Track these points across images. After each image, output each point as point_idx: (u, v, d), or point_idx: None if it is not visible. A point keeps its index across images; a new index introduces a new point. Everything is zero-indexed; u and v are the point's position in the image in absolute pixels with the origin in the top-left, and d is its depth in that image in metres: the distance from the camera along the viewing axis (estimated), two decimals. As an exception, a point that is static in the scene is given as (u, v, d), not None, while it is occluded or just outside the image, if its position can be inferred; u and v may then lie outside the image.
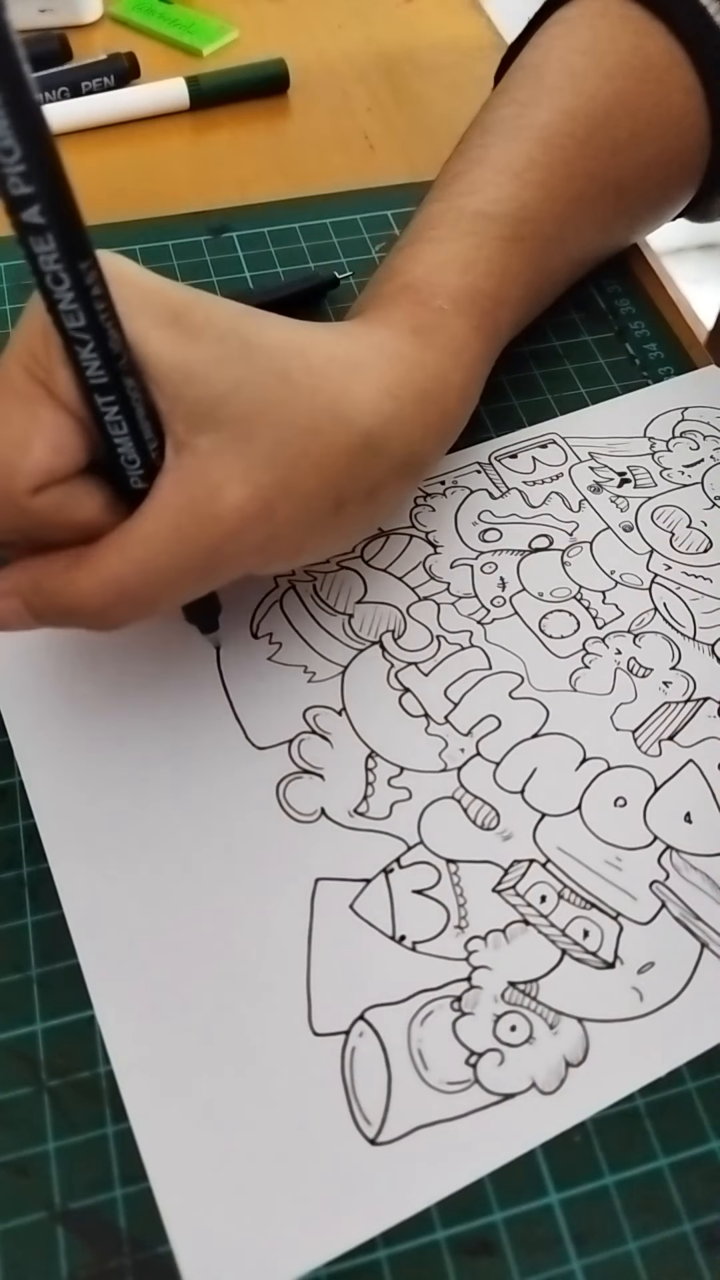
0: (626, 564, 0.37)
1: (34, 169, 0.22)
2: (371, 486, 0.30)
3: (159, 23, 0.59)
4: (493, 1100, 0.27)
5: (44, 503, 0.27)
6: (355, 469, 0.30)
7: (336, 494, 0.29)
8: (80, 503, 0.27)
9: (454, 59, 0.60)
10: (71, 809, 0.31)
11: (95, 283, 0.24)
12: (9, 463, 0.26)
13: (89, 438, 0.27)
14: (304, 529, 0.29)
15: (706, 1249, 0.26)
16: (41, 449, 0.26)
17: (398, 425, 0.31)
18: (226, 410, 0.27)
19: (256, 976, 0.29)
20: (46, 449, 0.26)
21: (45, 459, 0.26)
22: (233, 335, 0.28)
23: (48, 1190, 0.26)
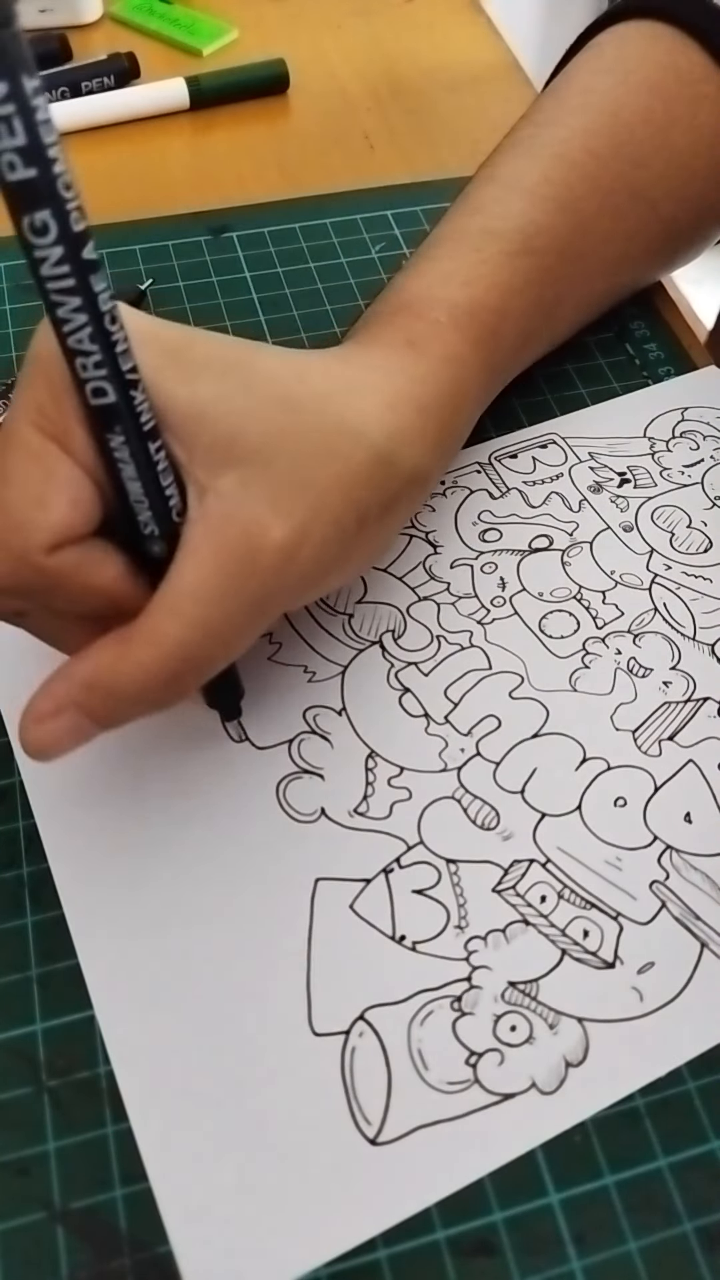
0: (626, 564, 0.37)
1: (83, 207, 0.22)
2: (387, 501, 0.30)
3: (159, 23, 0.59)
4: (493, 1100, 0.27)
5: (61, 562, 0.25)
6: (373, 484, 0.29)
7: (358, 511, 0.29)
8: (97, 564, 0.26)
9: (454, 59, 0.60)
10: (71, 809, 0.31)
11: (125, 335, 0.24)
12: (26, 519, 0.25)
13: (103, 497, 0.26)
14: (335, 550, 0.28)
15: (706, 1249, 0.26)
16: (60, 504, 0.25)
17: (402, 437, 0.30)
18: (243, 445, 0.26)
19: (256, 976, 0.29)
20: (65, 504, 0.25)
21: (64, 515, 0.25)
22: (234, 369, 0.27)
23: (48, 1190, 0.26)
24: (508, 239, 0.36)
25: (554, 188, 0.37)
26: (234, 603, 0.26)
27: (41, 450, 0.25)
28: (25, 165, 0.21)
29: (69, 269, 0.22)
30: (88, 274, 0.22)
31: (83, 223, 0.22)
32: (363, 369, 0.31)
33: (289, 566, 0.27)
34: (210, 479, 0.26)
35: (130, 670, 0.26)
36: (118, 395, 0.24)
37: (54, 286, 0.22)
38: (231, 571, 0.26)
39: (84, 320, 0.23)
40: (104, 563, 0.26)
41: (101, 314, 0.23)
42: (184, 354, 0.26)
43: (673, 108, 0.39)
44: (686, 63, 0.40)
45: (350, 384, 0.30)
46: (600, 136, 0.38)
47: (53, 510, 0.25)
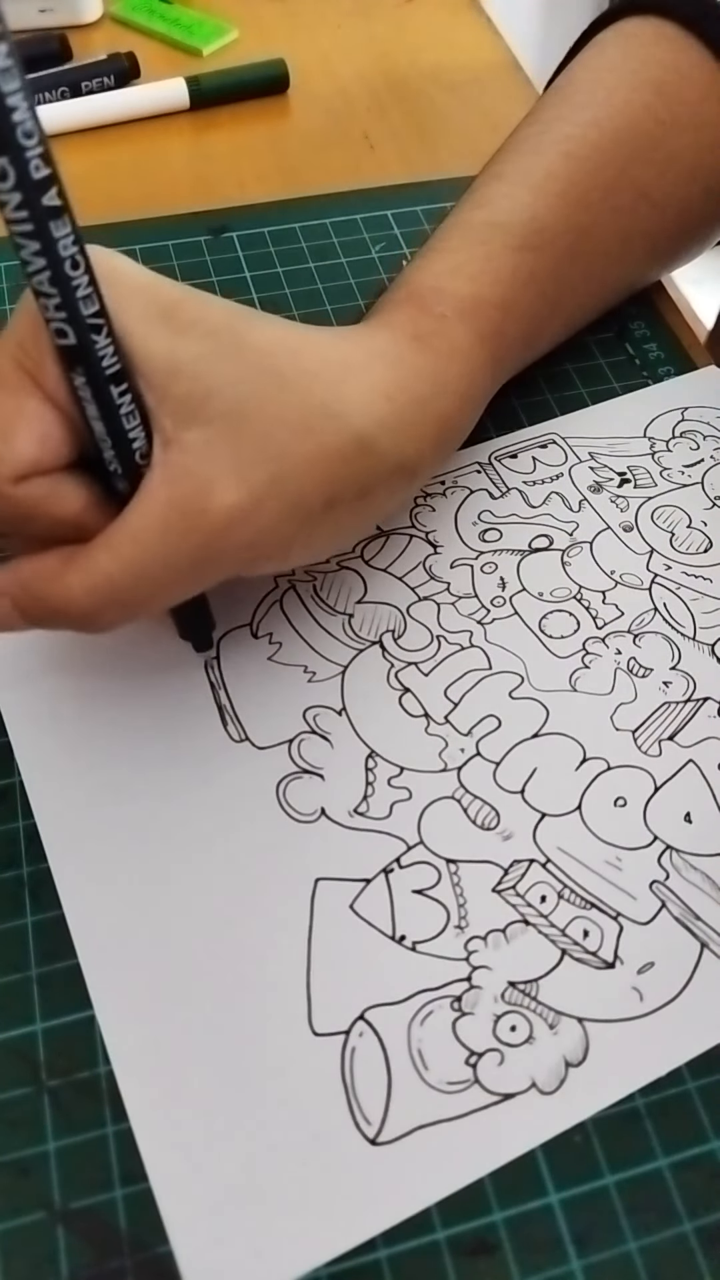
0: (626, 564, 0.37)
1: (49, 152, 0.22)
2: (363, 488, 0.30)
3: (159, 23, 0.59)
4: (493, 1100, 0.27)
5: (27, 493, 0.27)
6: (347, 469, 0.29)
7: (328, 493, 0.29)
8: (64, 498, 0.27)
9: (454, 59, 0.60)
10: (71, 809, 0.31)
11: (89, 280, 0.25)
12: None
13: (76, 433, 0.27)
14: (294, 527, 0.29)
15: (706, 1249, 0.26)
16: (25, 438, 0.26)
17: (391, 428, 0.30)
18: (216, 406, 0.27)
19: (256, 976, 0.29)
20: (31, 439, 0.26)
21: (29, 449, 0.26)
22: (225, 331, 0.28)
23: (48, 1190, 0.26)
24: (513, 233, 0.36)
25: (559, 183, 0.37)
26: (172, 553, 0.27)
27: (16, 384, 0.26)
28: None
29: (27, 214, 0.23)
30: (47, 220, 0.23)
31: (45, 170, 0.22)
32: (365, 355, 0.31)
33: (235, 531, 0.27)
34: (176, 431, 0.27)
35: (59, 590, 0.27)
36: (77, 338, 0.25)
37: (16, 230, 0.23)
38: (175, 524, 0.27)
39: (43, 264, 0.24)
40: (71, 495, 0.27)
41: (61, 259, 0.24)
42: (174, 310, 0.27)
43: (675, 106, 0.39)
44: (688, 61, 0.40)
45: (347, 367, 0.30)
46: (605, 134, 0.38)
47: (17, 443, 0.26)
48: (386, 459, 0.30)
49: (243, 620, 0.35)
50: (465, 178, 0.40)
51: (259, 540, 0.28)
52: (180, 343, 0.27)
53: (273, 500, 0.28)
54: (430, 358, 0.32)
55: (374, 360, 0.31)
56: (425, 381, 0.32)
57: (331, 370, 0.30)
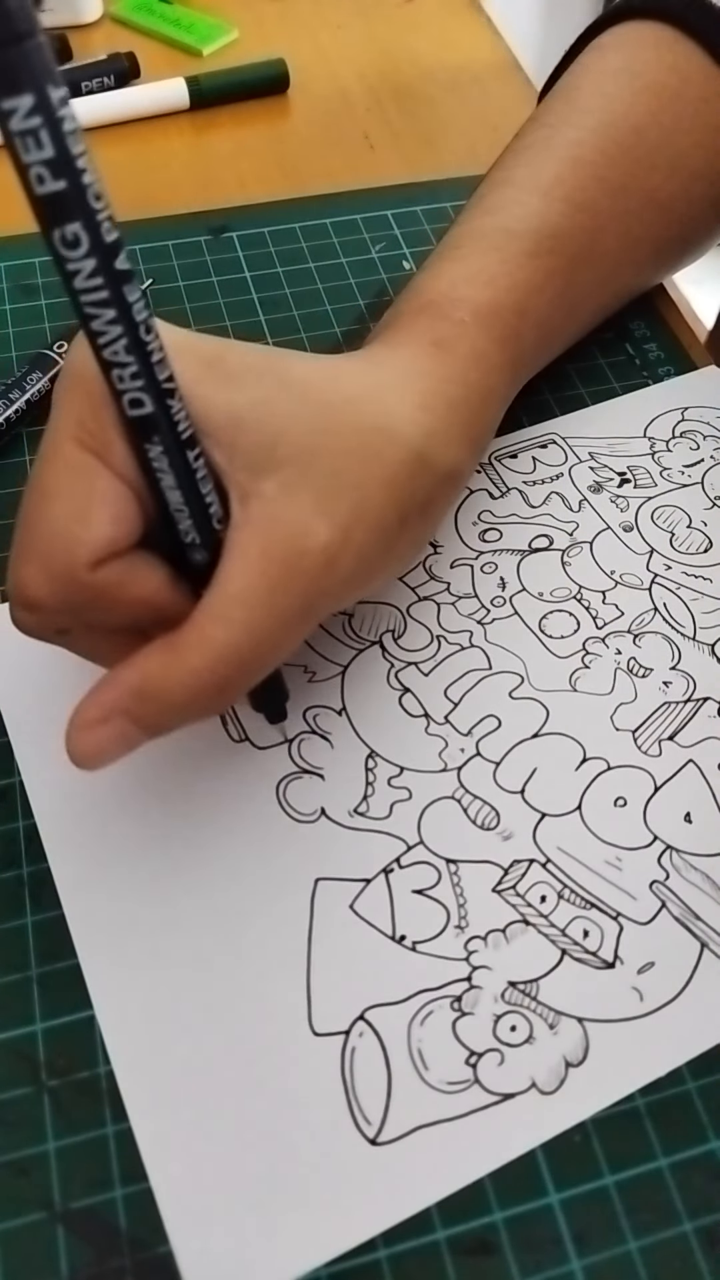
0: (626, 564, 0.37)
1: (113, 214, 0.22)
2: (427, 499, 0.30)
3: (159, 23, 0.59)
4: (493, 1100, 0.27)
5: (105, 577, 0.25)
6: (413, 484, 0.29)
7: (400, 510, 0.29)
8: (140, 577, 0.26)
9: (454, 59, 0.60)
10: (71, 809, 0.31)
11: (160, 345, 0.24)
12: (69, 535, 0.25)
13: (144, 509, 0.26)
14: (378, 550, 0.28)
15: (706, 1249, 0.26)
16: (102, 520, 0.25)
17: (437, 436, 0.30)
18: (284, 449, 0.26)
19: (256, 976, 0.29)
20: (107, 520, 0.25)
21: (106, 530, 0.25)
22: (270, 373, 0.27)
23: (48, 1190, 0.26)
24: (526, 239, 0.36)
25: (568, 189, 0.37)
26: (281, 605, 0.26)
27: (83, 465, 0.25)
28: (54, 178, 0.20)
29: (102, 281, 0.22)
30: (121, 285, 0.22)
31: (114, 233, 0.21)
32: (393, 371, 0.31)
33: (334, 567, 0.27)
34: (252, 484, 0.26)
35: (180, 676, 0.25)
36: (155, 405, 0.24)
37: (88, 299, 0.22)
38: (278, 574, 0.26)
39: (119, 332, 0.23)
40: (147, 574, 0.26)
41: (136, 324, 0.23)
42: (219, 363, 0.26)
43: (678, 110, 0.40)
44: (689, 65, 0.40)
45: (382, 386, 0.30)
46: (611, 138, 0.38)
47: (95, 526, 0.25)
48: (439, 468, 0.30)
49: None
50: (465, 178, 0.40)
51: (354, 570, 0.28)
52: (236, 394, 0.26)
53: (359, 529, 0.27)
54: (454, 363, 0.33)
55: (404, 375, 0.31)
56: (454, 386, 0.32)
57: (372, 392, 0.29)
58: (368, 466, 0.28)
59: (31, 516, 0.26)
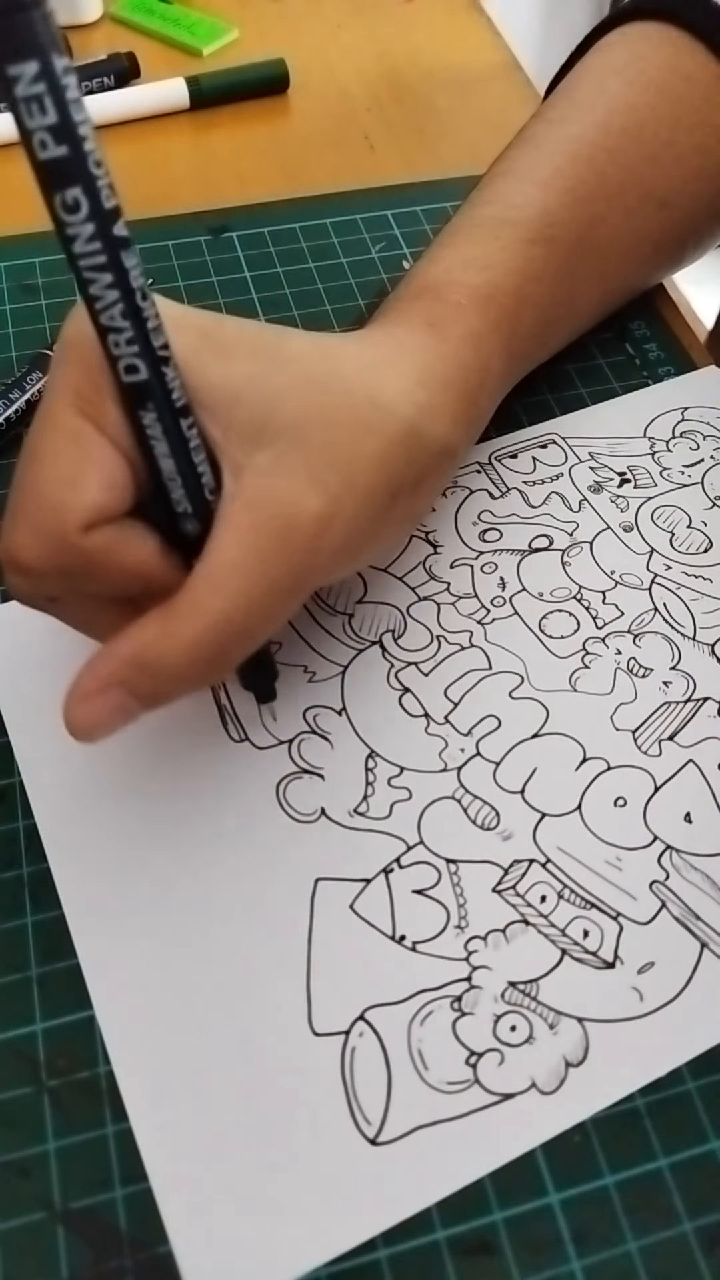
0: (626, 564, 0.37)
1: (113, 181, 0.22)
2: (419, 476, 0.31)
3: (159, 23, 0.59)
4: (493, 1100, 0.27)
5: (95, 542, 0.26)
6: (405, 458, 0.30)
7: (391, 485, 0.29)
8: (131, 544, 0.26)
9: (454, 59, 0.60)
10: (71, 809, 0.31)
11: (157, 313, 0.24)
12: (60, 499, 0.25)
13: (137, 477, 0.26)
14: (369, 525, 0.29)
15: (706, 1249, 0.26)
16: (94, 485, 0.25)
17: (431, 413, 0.31)
18: (277, 423, 0.27)
19: (256, 976, 0.29)
20: (99, 485, 0.25)
21: (97, 495, 0.25)
22: (263, 349, 0.28)
23: (48, 1190, 0.26)
24: (524, 227, 0.36)
25: (568, 180, 0.38)
26: (274, 575, 0.26)
27: (77, 430, 0.26)
28: (56, 143, 0.21)
29: (100, 245, 0.22)
30: (119, 250, 0.23)
31: (114, 200, 0.22)
32: (387, 349, 0.31)
33: (325, 539, 0.27)
34: (246, 456, 0.26)
35: (175, 646, 0.26)
36: (150, 372, 0.24)
37: (86, 264, 0.23)
38: (270, 545, 0.26)
39: (116, 297, 0.23)
40: (138, 543, 0.27)
41: (133, 290, 0.23)
42: (215, 336, 0.27)
43: (682, 108, 0.40)
44: (694, 65, 0.40)
45: (376, 362, 0.30)
46: (612, 134, 0.39)
47: (87, 490, 0.25)
48: (434, 444, 0.31)
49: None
50: (465, 178, 0.40)
51: (344, 543, 0.28)
52: (231, 368, 0.27)
53: (350, 502, 0.28)
54: (448, 343, 0.33)
55: (399, 353, 0.31)
56: (449, 364, 0.32)
57: (365, 368, 0.30)
58: (360, 441, 0.28)
59: (24, 480, 0.26)
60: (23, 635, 0.34)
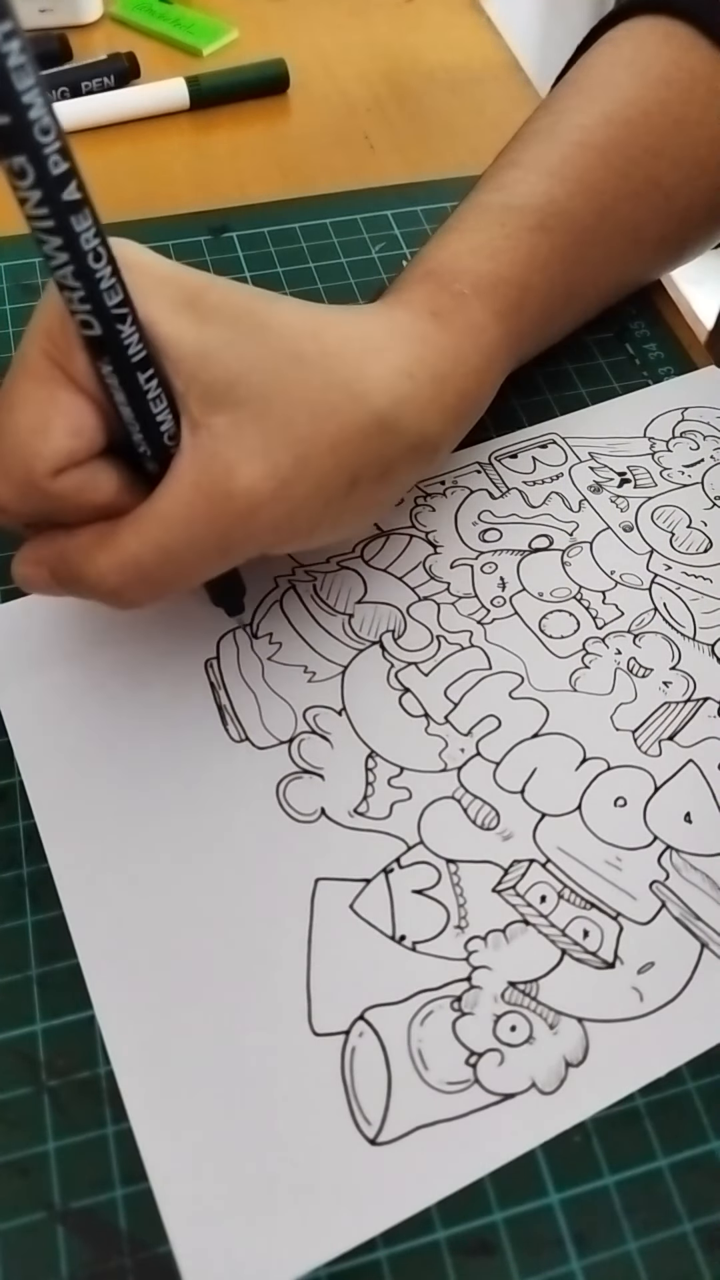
0: (626, 564, 0.37)
1: (66, 146, 0.22)
2: (385, 467, 0.31)
3: (159, 23, 0.59)
4: (493, 1100, 0.27)
5: (64, 485, 0.27)
6: (369, 448, 0.30)
7: (351, 473, 0.29)
8: (98, 485, 0.28)
9: (454, 59, 0.60)
10: (71, 809, 0.31)
11: (112, 272, 0.25)
12: (29, 447, 0.26)
13: (106, 420, 0.27)
14: (319, 508, 0.29)
15: (706, 1249, 0.26)
16: (61, 432, 0.27)
17: (412, 405, 0.31)
18: (241, 390, 0.27)
19: (256, 976, 0.29)
20: (66, 432, 0.27)
21: (65, 442, 0.27)
22: (246, 317, 0.28)
23: (48, 1190, 0.26)
24: (530, 215, 0.37)
25: (575, 170, 0.38)
26: (198, 536, 0.27)
27: (47, 376, 0.27)
28: None
29: (48, 210, 0.23)
30: (68, 215, 0.23)
31: (63, 165, 0.22)
32: (385, 333, 0.31)
33: (261, 513, 0.28)
34: (204, 416, 0.27)
35: (90, 567, 0.28)
36: (103, 328, 0.25)
37: (37, 226, 0.23)
38: (202, 506, 0.27)
39: (65, 259, 0.24)
40: (105, 482, 0.28)
41: (84, 252, 0.24)
42: (199, 298, 0.28)
43: (687, 102, 0.40)
44: (699, 59, 0.41)
45: (366, 345, 0.30)
46: (619, 125, 0.39)
47: (54, 438, 0.27)
48: (407, 436, 0.31)
49: (243, 620, 0.35)
50: (465, 178, 0.40)
51: (284, 523, 0.28)
52: (207, 330, 0.27)
53: (299, 482, 0.28)
54: (449, 334, 0.33)
55: (394, 338, 0.31)
56: (445, 358, 0.32)
57: (352, 349, 0.30)
58: (321, 423, 0.28)
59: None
60: (23, 635, 0.34)
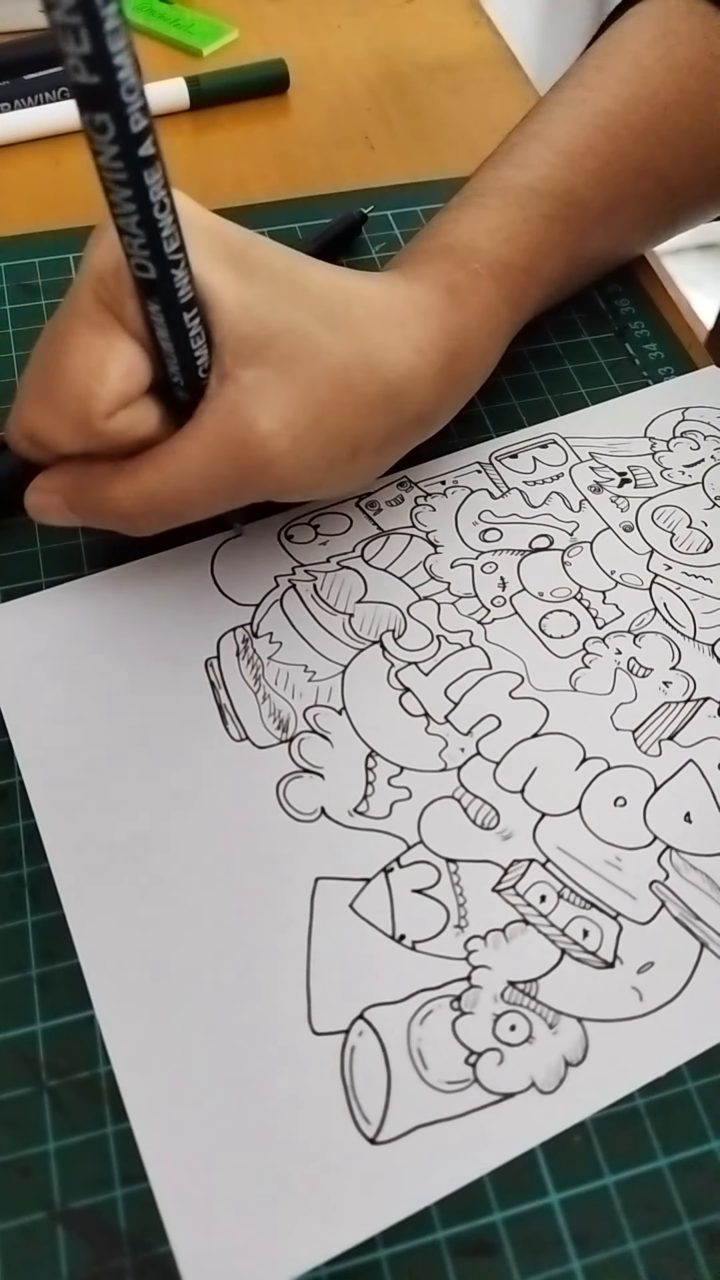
0: (627, 564, 0.37)
1: (146, 104, 0.24)
2: (387, 437, 0.32)
3: (159, 23, 0.59)
4: (492, 1100, 0.27)
5: (116, 425, 0.29)
6: (376, 419, 0.31)
7: (355, 440, 0.31)
8: (143, 421, 0.29)
9: (454, 59, 0.60)
10: (71, 809, 0.31)
11: (173, 220, 0.26)
12: (86, 389, 0.28)
13: (151, 363, 0.29)
14: (323, 468, 0.31)
15: (706, 1249, 0.26)
16: (116, 375, 0.28)
17: (420, 382, 0.32)
18: (274, 349, 0.29)
19: (256, 976, 0.29)
20: (120, 375, 0.28)
21: (119, 385, 0.28)
22: (285, 276, 0.30)
23: (48, 1190, 0.26)
24: (549, 202, 0.38)
25: (597, 160, 0.39)
26: (212, 478, 0.29)
27: (101, 320, 0.28)
28: (89, 72, 0.22)
29: (123, 165, 0.24)
30: (141, 169, 0.24)
31: (143, 121, 0.24)
32: (404, 305, 0.33)
33: (272, 468, 0.30)
34: (235, 367, 0.29)
35: (107, 495, 0.30)
36: (158, 272, 0.27)
37: (109, 178, 0.25)
38: (219, 452, 0.29)
39: (133, 209, 0.25)
40: (148, 419, 0.30)
41: (150, 204, 0.25)
42: (244, 253, 0.29)
43: (707, 87, 0.41)
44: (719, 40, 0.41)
45: (387, 318, 0.32)
46: (640, 113, 0.40)
47: (111, 380, 0.28)
48: (409, 411, 0.32)
49: (243, 620, 0.35)
50: (465, 178, 0.40)
51: (290, 477, 0.30)
52: (249, 287, 0.29)
53: (311, 443, 0.30)
54: (460, 313, 0.34)
55: (411, 312, 0.32)
56: (454, 338, 0.33)
57: (374, 321, 0.31)
58: (340, 391, 0.30)
59: (49, 365, 0.28)
60: (23, 635, 0.34)
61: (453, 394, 0.34)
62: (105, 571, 0.36)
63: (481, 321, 0.35)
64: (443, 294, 0.34)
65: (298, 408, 0.29)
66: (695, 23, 0.41)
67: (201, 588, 0.36)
